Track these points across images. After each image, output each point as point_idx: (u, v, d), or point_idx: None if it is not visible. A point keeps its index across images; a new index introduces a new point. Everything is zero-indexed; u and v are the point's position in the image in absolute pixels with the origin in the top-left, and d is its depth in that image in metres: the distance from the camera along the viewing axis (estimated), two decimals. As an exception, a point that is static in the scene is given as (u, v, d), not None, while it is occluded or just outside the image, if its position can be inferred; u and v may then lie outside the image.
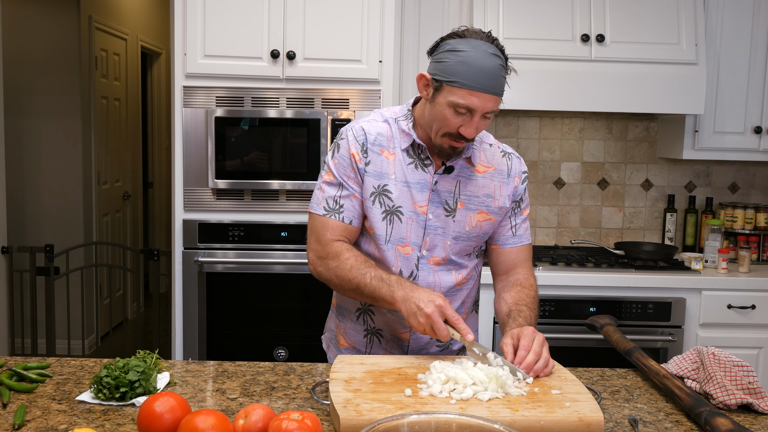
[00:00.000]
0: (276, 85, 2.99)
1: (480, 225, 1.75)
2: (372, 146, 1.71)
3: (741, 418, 1.45)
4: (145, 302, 6.10)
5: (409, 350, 1.80)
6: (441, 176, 1.72)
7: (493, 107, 1.59)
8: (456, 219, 1.73)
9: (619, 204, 3.67)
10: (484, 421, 1.15)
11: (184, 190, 3.01)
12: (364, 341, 1.82)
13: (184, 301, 3.03)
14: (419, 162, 1.72)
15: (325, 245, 1.71)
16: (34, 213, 4.73)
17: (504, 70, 1.60)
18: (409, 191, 1.71)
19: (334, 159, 1.73)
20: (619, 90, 3.08)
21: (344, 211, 1.72)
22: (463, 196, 1.73)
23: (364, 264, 1.66)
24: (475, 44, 1.57)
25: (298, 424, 1.17)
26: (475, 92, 1.55)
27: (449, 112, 1.59)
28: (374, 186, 1.71)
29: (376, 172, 1.71)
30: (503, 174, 1.77)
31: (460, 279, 1.78)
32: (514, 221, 1.81)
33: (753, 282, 3.07)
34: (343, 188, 1.72)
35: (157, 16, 6.23)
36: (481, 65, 1.55)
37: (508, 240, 1.81)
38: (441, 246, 1.74)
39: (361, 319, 1.82)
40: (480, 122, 1.60)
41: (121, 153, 5.49)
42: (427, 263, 1.74)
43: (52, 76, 4.68)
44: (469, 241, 1.76)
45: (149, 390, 1.46)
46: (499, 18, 3.09)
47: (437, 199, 1.72)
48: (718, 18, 3.24)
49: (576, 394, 1.41)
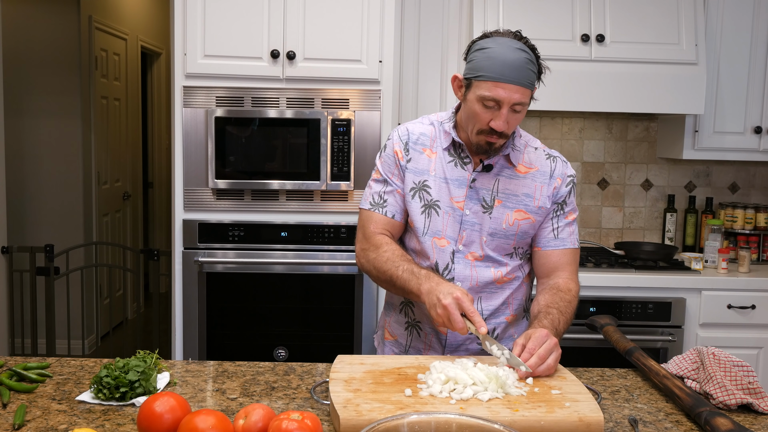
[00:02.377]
0: (276, 85, 2.99)
1: (518, 223, 1.77)
2: (414, 145, 1.80)
3: (741, 418, 1.45)
4: (145, 302, 6.10)
5: (446, 345, 1.80)
6: (479, 174, 1.76)
7: (520, 98, 1.63)
8: (492, 216, 1.76)
9: (619, 204, 3.67)
10: (484, 421, 1.15)
11: (184, 190, 3.01)
12: (405, 333, 1.86)
13: (184, 301, 3.03)
14: (459, 160, 1.78)
15: (369, 237, 1.79)
16: (34, 213, 4.72)
17: (531, 64, 1.64)
18: (447, 187, 1.76)
19: (381, 158, 1.84)
20: (619, 90, 3.08)
21: (388, 206, 1.80)
22: (501, 195, 1.76)
23: (400, 257, 1.72)
24: (500, 41, 1.65)
25: (298, 424, 1.17)
26: (500, 84, 1.61)
27: (478, 107, 1.66)
28: (414, 182, 1.78)
29: (417, 169, 1.79)
30: (546, 175, 1.79)
31: (499, 276, 1.78)
32: (556, 224, 1.80)
33: (753, 282, 3.07)
34: (387, 184, 1.81)
35: (157, 16, 6.23)
36: (505, 58, 1.61)
37: (549, 242, 1.80)
38: (477, 242, 1.76)
39: (404, 312, 1.86)
40: (510, 115, 1.65)
41: (121, 153, 5.49)
42: (464, 258, 1.77)
43: (52, 76, 4.68)
44: (506, 239, 1.77)
45: (149, 390, 1.46)
46: (499, 18, 3.09)
47: (475, 196, 1.76)
48: (718, 18, 3.24)
49: (576, 394, 1.41)
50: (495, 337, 1.82)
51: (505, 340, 1.84)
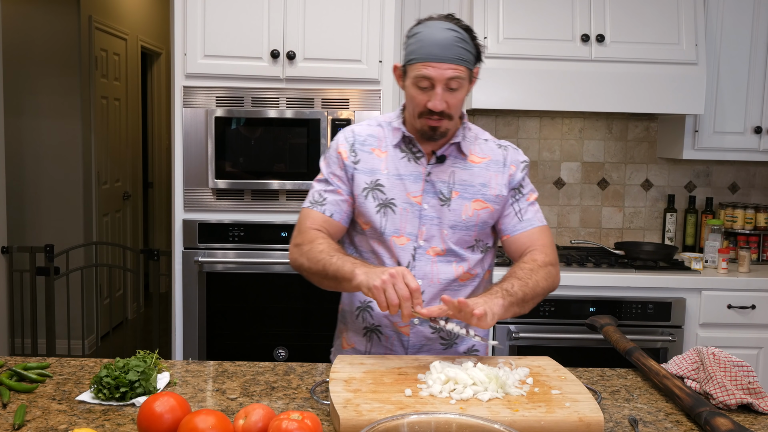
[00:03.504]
0: (276, 85, 2.99)
1: (477, 213, 1.76)
2: (362, 146, 1.79)
3: (741, 418, 1.45)
4: (145, 302, 6.10)
5: (409, 347, 1.78)
6: (434, 167, 1.76)
7: (453, 74, 1.64)
8: (451, 208, 1.75)
9: (619, 204, 3.67)
10: (484, 421, 1.15)
11: (184, 190, 3.01)
12: (364, 340, 1.83)
13: (184, 301, 3.03)
14: (411, 155, 1.77)
15: (304, 232, 1.77)
16: (34, 213, 4.73)
17: (463, 42, 1.66)
18: (402, 183, 1.75)
19: (325, 159, 1.84)
20: (619, 90, 3.08)
21: (326, 204, 1.78)
22: (458, 186, 1.76)
23: (335, 250, 1.69)
24: (430, 24, 1.69)
25: (298, 424, 1.17)
26: (429, 63, 1.63)
27: (414, 91, 1.68)
28: (366, 182, 1.76)
29: (367, 169, 1.77)
30: (499, 164, 1.79)
31: (461, 272, 1.77)
32: (518, 207, 1.80)
33: (753, 282, 3.07)
34: (328, 184, 1.80)
35: (157, 16, 6.23)
36: (433, 38, 1.65)
37: (516, 227, 1.79)
38: (438, 236, 1.75)
39: (361, 317, 1.82)
40: (446, 94, 1.65)
41: (121, 153, 5.49)
42: (425, 254, 1.75)
43: (52, 76, 4.68)
44: (467, 231, 1.76)
45: (149, 390, 1.46)
46: (499, 18, 3.09)
47: (432, 190, 1.75)
48: (718, 18, 3.24)
49: (576, 394, 1.41)
50: (456, 336, 1.80)
51: (467, 339, 1.81)
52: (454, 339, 1.81)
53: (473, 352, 1.85)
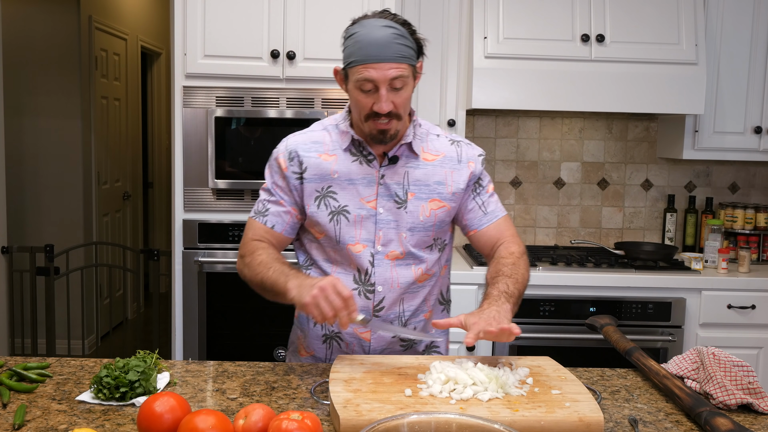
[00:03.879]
0: (276, 85, 2.99)
1: (435, 213, 1.74)
2: (305, 153, 1.73)
3: (741, 418, 1.45)
4: (145, 302, 6.10)
5: (370, 351, 1.77)
6: (387, 168, 1.72)
7: (396, 73, 1.59)
8: (408, 210, 1.72)
9: (619, 204, 3.67)
10: (484, 421, 1.15)
11: (184, 190, 3.01)
12: (324, 347, 1.80)
13: (184, 301, 3.03)
14: (363, 158, 1.72)
15: (245, 244, 1.76)
16: (34, 213, 4.73)
17: (402, 38, 1.60)
18: (355, 188, 1.71)
19: (268, 167, 1.80)
20: (619, 90, 3.08)
21: (268, 215, 1.75)
22: (413, 186, 1.72)
23: (274, 260, 1.67)
24: (366, 23, 1.63)
25: (298, 424, 1.17)
26: (369, 64, 1.58)
27: (358, 94, 1.63)
28: (317, 190, 1.72)
29: (317, 176, 1.72)
30: (453, 160, 1.76)
31: (419, 274, 1.75)
32: (481, 201, 1.79)
33: (753, 282, 3.07)
34: (271, 194, 1.77)
35: (157, 16, 6.23)
36: (371, 38, 1.59)
37: (482, 220, 1.79)
38: (397, 240, 1.72)
39: (319, 325, 1.79)
40: (392, 95, 1.61)
41: (121, 153, 5.49)
42: (383, 259, 1.72)
43: (52, 76, 4.68)
44: (425, 231, 1.74)
45: (149, 390, 1.46)
46: (499, 18, 3.09)
47: (386, 193, 1.72)
48: (718, 18, 3.24)
49: (576, 394, 1.41)
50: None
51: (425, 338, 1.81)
52: (413, 341, 1.80)
53: (433, 349, 1.85)
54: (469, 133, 3.58)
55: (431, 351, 1.85)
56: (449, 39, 3.23)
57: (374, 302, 1.74)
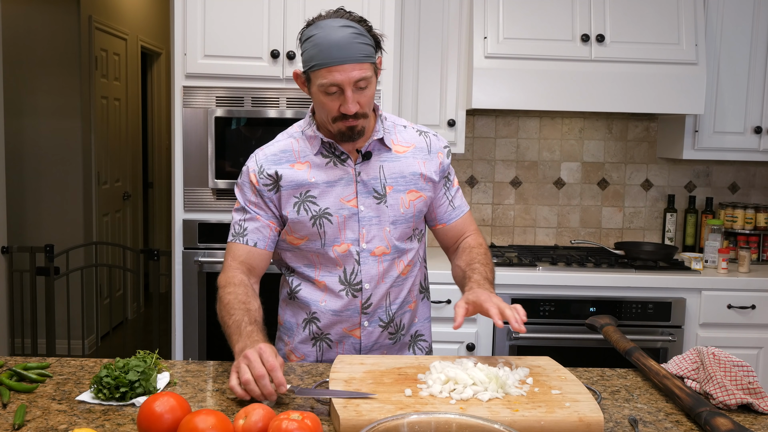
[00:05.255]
0: (276, 85, 2.99)
1: (413, 204, 1.76)
2: (276, 164, 1.71)
3: (741, 418, 1.45)
4: (145, 302, 6.10)
5: (361, 348, 1.78)
6: (362, 165, 1.72)
7: (360, 74, 1.58)
8: (388, 203, 1.73)
9: (619, 204, 3.67)
10: (484, 421, 1.15)
11: (184, 190, 3.01)
12: (314, 350, 1.81)
13: (184, 301, 3.03)
14: (336, 159, 1.72)
15: (224, 271, 1.72)
16: (34, 213, 4.72)
17: (361, 37, 1.59)
18: (333, 189, 1.71)
19: (238, 186, 1.76)
20: (619, 90, 3.08)
21: (248, 234, 1.72)
22: (390, 180, 1.74)
23: (238, 304, 1.62)
24: (323, 24, 1.60)
25: (298, 424, 1.17)
26: (333, 67, 1.56)
27: (323, 97, 1.61)
28: (295, 196, 1.70)
29: (293, 183, 1.71)
30: (424, 151, 1.79)
31: (402, 267, 1.77)
32: (449, 195, 1.84)
33: (753, 282, 3.07)
34: (245, 212, 1.73)
35: (157, 16, 6.23)
36: (330, 40, 1.56)
37: (451, 215, 1.84)
38: (381, 235, 1.73)
39: (308, 329, 1.80)
40: (357, 95, 1.60)
41: (121, 153, 5.49)
42: (369, 255, 1.73)
43: (52, 76, 4.68)
44: (407, 223, 1.76)
45: (149, 390, 1.46)
46: (499, 18, 3.09)
47: (365, 190, 1.72)
48: (718, 18, 3.24)
49: (576, 394, 1.41)
50: (402, 328, 1.81)
51: (410, 327, 1.85)
52: (401, 332, 1.82)
53: (418, 339, 1.87)
54: (469, 133, 3.58)
55: (417, 341, 1.87)
56: (449, 39, 3.23)
57: (362, 300, 1.75)
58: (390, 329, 1.80)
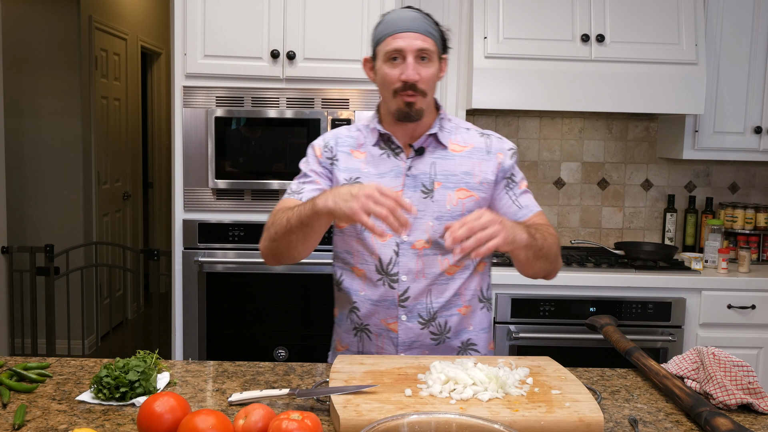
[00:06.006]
0: (276, 85, 2.99)
1: (462, 203, 1.74)
2: (340, 147, 1.80)
3: (741, 418, 1.45)
4: (145, 302, 6.10)
5: (399, 344, 1.77)
6: (414, 160, 1.75)
7: (422, 44, 1.67)
8: (435, 199, 1.74)
9: (619, 204, 3.67)
10: (484, 421, 1.15)
11: (184, 190, 3.01)
12: (355, 340, 1.82)
13: (184, 301, 3.03)
14: (390, 152, 1.77)
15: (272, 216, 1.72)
16: (34, 213, 4.73)
17: (428, 20, 1.71)
18: (382, 180, 1.74)
19: (303, 160, 1.84)
20: (619, 90, 3.08)
21: (303, 193, 1.75)
22: (440, 176, 1.75)
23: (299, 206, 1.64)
24: (393, 11, 1.74)
25: (298, 424, 1.17)
26: (397, 35, 1.67)
27: (387, 68, 1.70)
28: (345, 179, 1.77)
29: (347, 168, 1.78)
30: (482, 151, 1.79)
31: (447, 266, 1.75)
32: (514, 196, 1.79)
33: (753, 282, 3.07)
34: (306, 176, 1.79)
35: (157, 16, 6.23)
36: (398, 15, 1.70)
37: (517, 214, 1.77)
38: (422, 228, 1.73)
39: (349, 318, 1.82)
40: (418, 66, 1.67)
41: (121, 153, 5.49)
42: (409, 248, 1.73)
43: (52, 76, 4.68)
44: (452, 221, 1.70)
45: (149, 390, 1.46)
46: (499, 18, 3.09)
47: (413, 183, 1.74)
48: (718, 18, 3.24)
49: (576, 394, 1.41)
50: (448, 330, 1.78)
51: (460, 333, 1.79)
52: (445, 334, 1.78)
53: (469, 347, 1.82)
54: (469, 133, 3.57)
55: (467, 350, 1.82)
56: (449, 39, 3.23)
57: (399, 292, 1.74)
58: (431, 328, 1.77)
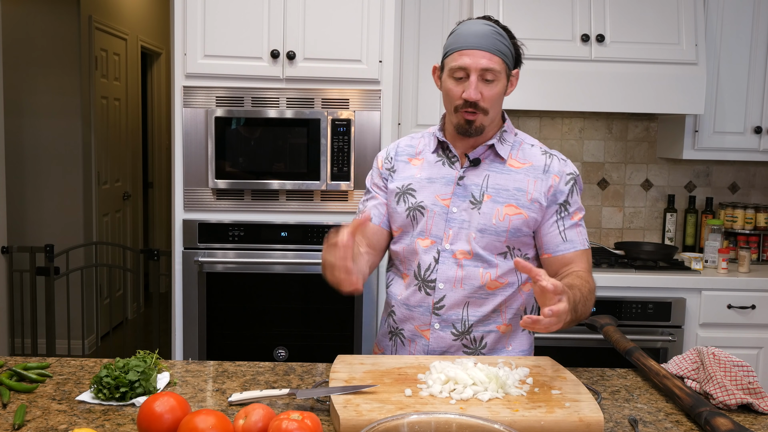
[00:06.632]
0: (276, 85, 2.99)
1: (509, 219, 1.70)
2: (399, 156, 1.83)
3: (741, 418, 1.45)
4: (145, 302, 6.10)
5: (430, 351, 1.75)
6: (468, 170, 1.74)
7: (488, 64, 1.64)
8: (482, 211, 1.71)
9: (619, 204, 3.67)
10: (484, 421, 1.15)
11: (184, 190, 3.01)
12: (390, 344, 1.84)
13: (184, 301, 3.03)
14: (446, 160, 1.78)
15: None
16: (34, 213, 4.73)
17: (500, 36, 1.68)
18: (433, 186, 1.76)
19: (368, 176, 1.89)
20: (619, 90, 3.08)
21: (367, 210, 1.82)
22: (491, 189, 1.72)
23: None
24: (469, 22, 1.72)
25: (298, 424, 1.17)
26: (464, 51, 1.65)
27: (451, 83, 1.69)
28: (398, 187, 1.79)
29: (401, 177, 1.80)
30: (539, 170, 1.73)
31: (488, 279, 1.71)
32: (562, 226, 1.71)
33: (753, 282, 3.07)
34: (369, 193, 1.86)
35: (157, 16, 6.23)
36: (469, 30, 1.68)
37: (559, 246, 1.71)
38: (465, 239, 1.71)
39: (387, 323, 1.85)
40: (482, 85, 1.65)
41: (121, 153, 5.49)
42: (450, 257, 1.71)
43: (52, 76, 4.68)
44: (497, 236, 1.70)
45: (149, 390, 1.46)
46: (499, 18, 3.09)
47: (463, 193, 1.73)
48: (718, 18, 3.24)
49: (576, 394, 1.41)
50: (483, 346, 1.74)
51: (497, 351, 1.75)
52: (480, 350, 1.74)
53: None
54: (469, 133, 3.58)
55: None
56: (449, 39, 3.23)
57: (434, 299, 1.73)
58: (464, 341, 1.74)
